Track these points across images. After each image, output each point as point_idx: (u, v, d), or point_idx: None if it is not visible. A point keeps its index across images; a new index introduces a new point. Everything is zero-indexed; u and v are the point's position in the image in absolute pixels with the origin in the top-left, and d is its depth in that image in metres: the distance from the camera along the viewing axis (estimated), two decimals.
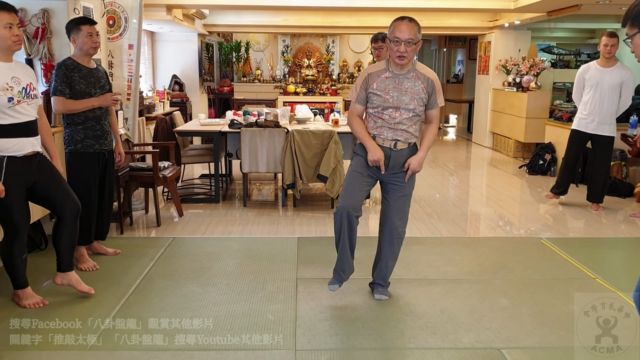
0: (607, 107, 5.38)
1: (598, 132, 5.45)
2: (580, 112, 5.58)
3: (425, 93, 3.16)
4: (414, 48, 3.08)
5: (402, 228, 3.35)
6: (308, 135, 5.39)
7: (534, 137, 8.39)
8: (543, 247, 4.50)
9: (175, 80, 9.46)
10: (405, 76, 3.15)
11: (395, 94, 3.14)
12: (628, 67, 5.57)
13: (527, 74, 8.61)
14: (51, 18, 4.34)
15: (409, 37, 3.04)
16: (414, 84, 3.15)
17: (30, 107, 3.11)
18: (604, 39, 5.36)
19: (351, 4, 7.30)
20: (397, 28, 3.07)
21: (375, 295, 3.45)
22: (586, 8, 6.90)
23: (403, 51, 3.05)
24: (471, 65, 13.01)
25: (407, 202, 3.34)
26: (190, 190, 6.47)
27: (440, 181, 7.39)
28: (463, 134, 12.43)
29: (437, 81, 3.21)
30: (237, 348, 2.83)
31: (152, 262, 4.01)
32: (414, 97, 3.14)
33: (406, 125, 3.19)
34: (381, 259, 3.42)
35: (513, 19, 8.59)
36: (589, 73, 5.49)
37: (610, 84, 5.34)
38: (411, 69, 3.16)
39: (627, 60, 8.93)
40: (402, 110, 3.16)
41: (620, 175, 6.44)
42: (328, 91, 11.26)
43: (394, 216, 3.31)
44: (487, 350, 2.85)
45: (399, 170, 3.26)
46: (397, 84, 3.15)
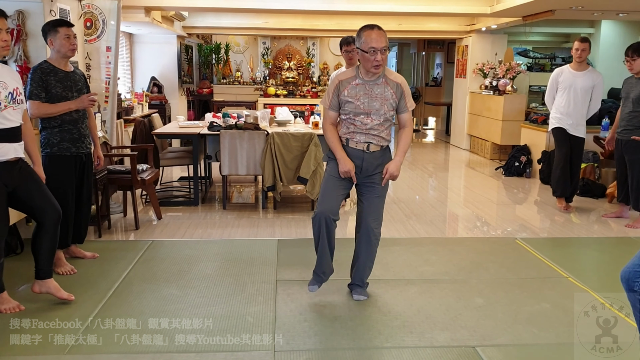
0: (579, 109, 5.54)
1: (574, 133, 5.60)
2: (553, 113, 5.71)
3: (395, 98, 3.24)
4: (386, 55, 3.17)
5: (377, 229, 3.40)
6: (288, 137, 5.43)
7: (510, 139, 8.52)
8: (518, 247, 4.58)
9: (154, 82, 9.42)
10: (375, 82, 3.23)
11: (366, 100, 3.22)
12: (599, 72, 5.73)
13: (504, 78, 8.75)
14: (26, 19, 4.31)
15: (384, 45, 3.13)
16: (384, 90, 3.22)
17: (16, 112, 3.10)
18: (576, 44, 5.51)
19: (331, 8, 7.35)
20: (370, 37, 3.14)
21: (353, 296, 3.50)
22: (560, 13, 7.05)
23: (380, 60, 3.12)
24: (449, 69, 13.14)
25: (381, 203, 3.40)
26: (168, 193, 6.45)
27: (419, 183, 7.48)
28: (441, 137, 12.57)
29: (405, 85, 3.28)
30: (217, 349, 2.86)
31: (131, 265, 4.01)
32: (384, 103, 3.22)
33: (378, 130, 3.27)
34: (358, 260, 3.46)
35: (490, 23, 8.72)
36: (562, 76, 5.63)
37: (583, 87, 5.50)
38: (381, 75, 3.24)
39: (599, 66, 9.13)
40: (373, 116, 3.23)
41: (593, 176, 6.58)
42: (309, 93, 11.31)
43: (369, 217, 3.36)
44: (462, 348, 2.92)
45: (372, 172, 3.32)
46: (368, 90, 3.23)
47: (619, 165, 5.28)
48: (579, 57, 5.50)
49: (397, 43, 14.83)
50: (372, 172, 3.32)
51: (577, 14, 7.43)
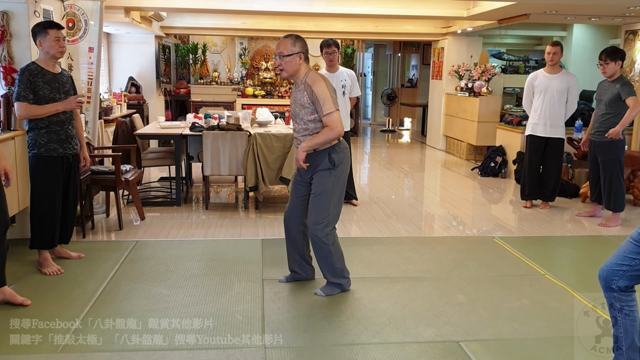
0: (556, 111, 5.71)
1: (552, 135, 5.77)
2: (532, 117, 5.87)
3: (309, 102, 3.35)
4: (287, 60, 3.34)
5: (316, 226, 3.44)
6: (270, 138, 5.48)
7: (486, 140, 8.70)
8: (496, 246, 4.72)
9: (132, 82, 9.37)
10: (297, 89, 3.44)
11: (293, 106, 3.48)
12: (572, 73, 5.92)
13: (479, 80, 8.93)
14: (11, 20, 4.28)
15: (279, 51, 3.36)
16: (302, 96, 3.39)
17: None
18: (548, 48, 5.70)
19: (309, 10, 7.41)
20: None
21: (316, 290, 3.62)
22: (534, 17, 7.25)
23: (278, 64, 3.38)
24: (425, 70, 13.34)
25: (318, 201, 3.44)
26: (148, 194, 6.45)
27: (396, 182, 7.60)
28: (417, 137, 12.74)
29: (318, 91, 3.31)
30: (208, 347, 2.91)
31: (117, 265, 4.02)
32: (301, 108, 3.39)
33: (301, 134, 3.44)
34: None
35: (465, 26, 8.89)
36: (537, 80, 5.80)
37: (558, 89, 5.67)
38: (302, 81, 3.40)
39: (571, 68, 9.38)
40: (297, 121, 3.46)
41: (566, 176, 6.78)
42: (286, 94, 11.35)
43: (308, 216, 3.53)
44: (447, 343, 3.02)
45: (311, 173, 3.48)
46: (294, 97, 3.46)
47: (592, 166, 5.47)
48: (551, 60, 5.68)
49: (373, 44, 14.96)
50: (311, 173, 3.48)
51: (551, 17, 7.65)
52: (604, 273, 2.50)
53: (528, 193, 6.05)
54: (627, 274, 2.42)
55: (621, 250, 2.47)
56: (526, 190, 6.06)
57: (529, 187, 6.02)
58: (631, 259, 2.41)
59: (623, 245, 2.47)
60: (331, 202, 3.44)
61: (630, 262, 2.41)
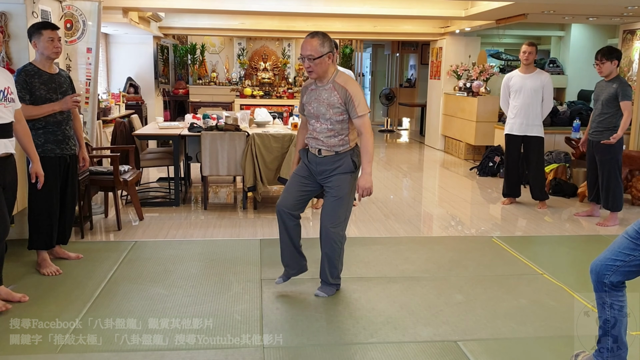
0: (532, 110, 5.80)
1: (528, 133, 5.85)
2: (509, 117, 6.01)
3: (341, 103, 3.30)
4: (318, 62, 3.25)
5: (334, 229, 3.44)
6: (269, 138, 5.49)
7: (484, 140, 8.71)
8: (494, 246, 4.73)
9: (130, 82, 9.37)
10: (324, 87, 3.35)
11: (315, 105, 3.37)
12: (547, 72, 6.00)
13: (477, 79, 8.93)
14: (9, 21, 4.28)
15: (308, 54, 3.25)
16: (330, 95, 3.32)
17: (7, 110, 3.20)
18: (523, 47, 5.82)
19: (307, 10, 7.42)
20: (301, 46, 3.34)
21: (315, 290, 3.60)
22: (532, 17, 7.27)
23: (308, 67, 3.28)
24: (423, 70, 13.35)
25: (338, 205, 3.43)
26: (146, 194, 6.45)
27: (395, 182, 7.61)
28: (416, 137, 12.75)
29: (353, 91, 3.29)
30: (207, 347, 2.91)
31: (116, 265, 4.03)
32: (329, 108, 3.32)
33: (326, 135, 3.36)
34: (321, 258, 3.58)
35: (464, 26, 8.90)
36: (512, 80, 5.94)
37: (532, 88, 5.77)
38: (330, 80, 3.34)
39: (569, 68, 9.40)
40: (321, 121, 3.36)
41: (564, 176, 6.79)
42: (285, 94, 11.35)
43: (325, 217, 3.48)
44: (445, 342, 3.03)
45: (329, 174, 3.41)
46: (317, 95, 3.37)
47: (590, 166, 5.48)
48: (526, 59, 5.78)
49: (372, 44, 14.98)
50: (328, 175, 3.42)
51: (549, 17, 7.66)
52: (596, 268, 2.51)
53: (507, 192, 6.20)
54: (620, 269, 2.44)
55: (615, 245, 2.48)
56: (505, 189, 6.21)
57: (508, 185, 6.17)
58: (626, 254, 2.42)
59: (617, 241, 2.48)
60: (348, 205, 3.48)
61: (625, 258, 2.43)
